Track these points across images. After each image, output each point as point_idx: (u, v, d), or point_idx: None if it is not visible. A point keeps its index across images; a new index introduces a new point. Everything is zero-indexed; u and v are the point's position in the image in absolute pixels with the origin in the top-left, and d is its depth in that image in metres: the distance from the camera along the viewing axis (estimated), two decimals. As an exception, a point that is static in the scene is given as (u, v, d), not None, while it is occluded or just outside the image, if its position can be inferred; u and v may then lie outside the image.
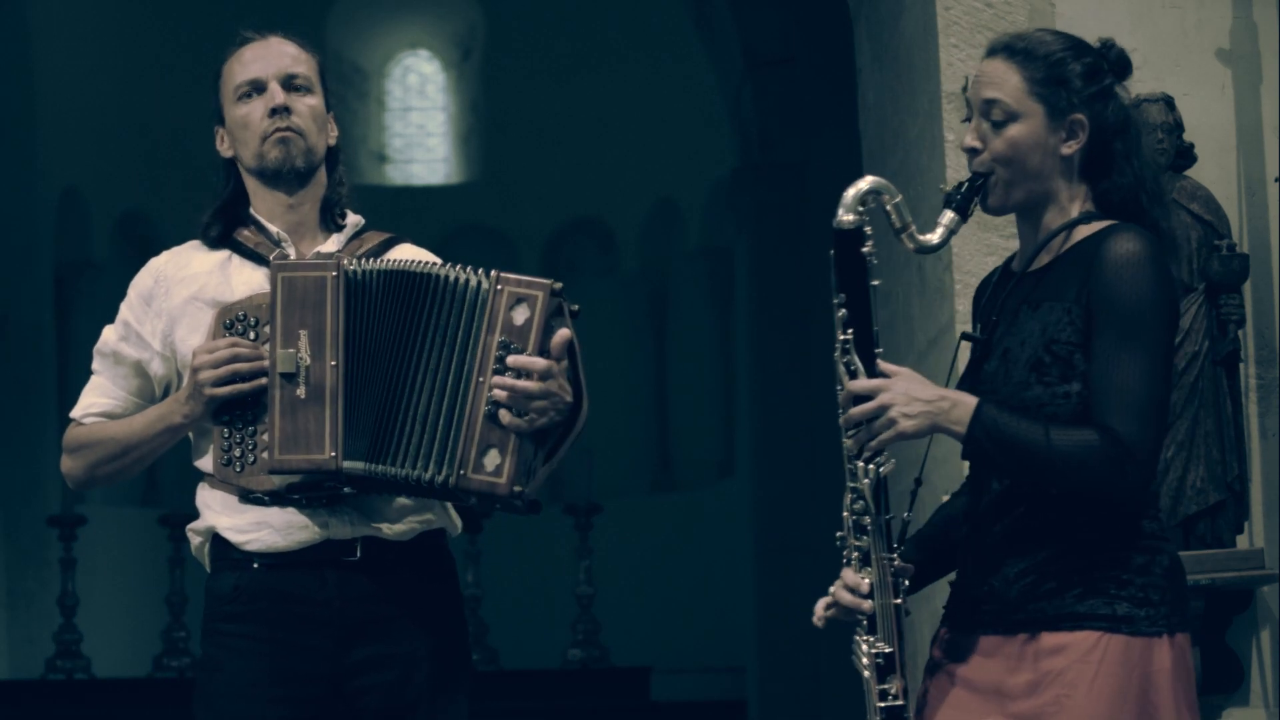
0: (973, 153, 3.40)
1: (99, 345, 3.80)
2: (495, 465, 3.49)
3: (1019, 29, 5.01)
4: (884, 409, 3.29)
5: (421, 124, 14.45)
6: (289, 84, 3.73)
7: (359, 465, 3.54)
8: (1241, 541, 4.93)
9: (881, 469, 3.32)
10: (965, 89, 3.50)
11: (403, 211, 12.96)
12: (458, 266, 3.60)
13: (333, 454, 3.53)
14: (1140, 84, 5.01)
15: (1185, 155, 4.98)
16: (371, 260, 3.63)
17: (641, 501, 13.10)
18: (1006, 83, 3.38)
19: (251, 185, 3.77)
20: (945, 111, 4.96)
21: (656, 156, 13.32)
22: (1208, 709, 4.92)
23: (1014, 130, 3.38)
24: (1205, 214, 4.95)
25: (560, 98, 13.54)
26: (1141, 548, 3.38)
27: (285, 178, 3.72)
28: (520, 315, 3.52)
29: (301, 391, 3.54)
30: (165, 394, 3.76)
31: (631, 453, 13.31)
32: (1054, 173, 3.41)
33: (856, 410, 3.30)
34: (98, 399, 3.79)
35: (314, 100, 3.76)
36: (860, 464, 3.32)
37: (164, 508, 10.94)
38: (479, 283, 3.55)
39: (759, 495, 10.72)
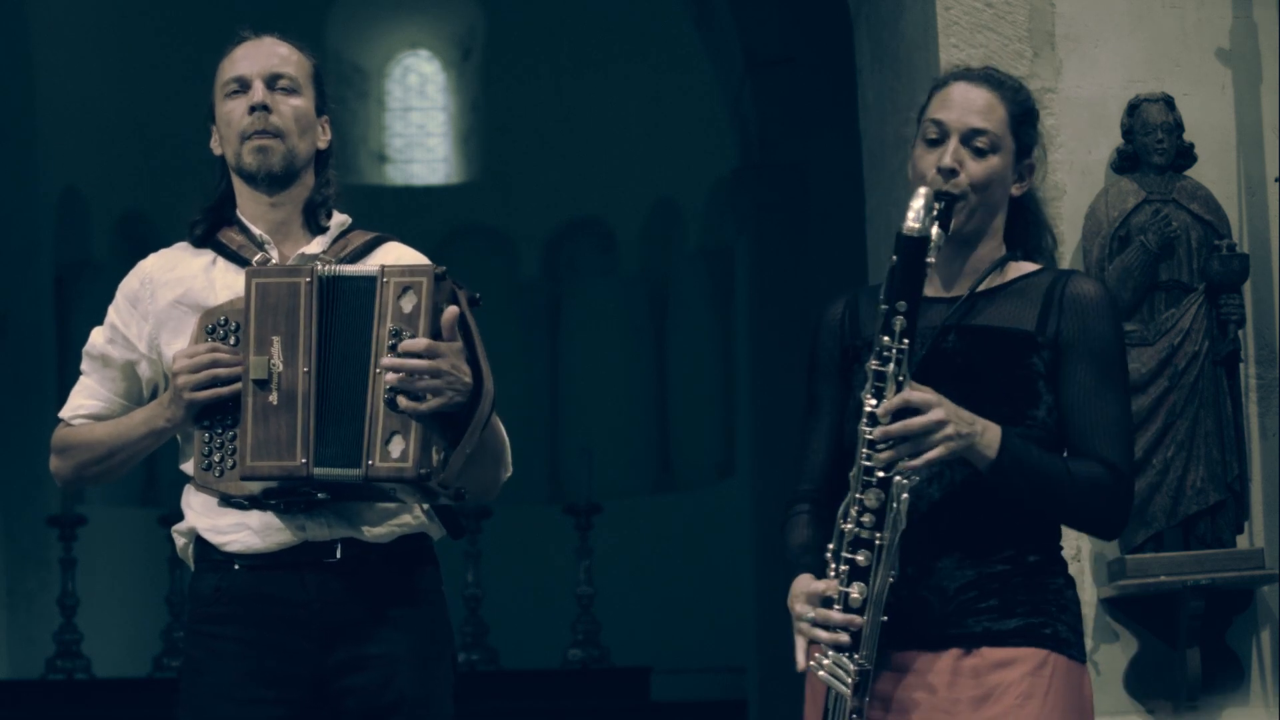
0: (950, 174, 3.40)
1: (87, 347, 3.81)
2: (400, 451, 3.50)
3: (1019, 29, 5.02)
4: (941, 424, 3.25)
5: (421, 124, 14.45)
6: (273, 84, 3.72)
7: (329, 471, 3.55)
8: (1241, 541, 4.93)
9: (911, 481, 3.27)
10: (926, 110, 3.49)
11: (403, 211, 12.96)
12: (365, 266, 3.63)
13: (304, 460, 3.54)
14: (1140, 84, 5.02)
15: (1185, 155, 4.99)
16: (342, 267, 3.63)
17: (641, 501, 13.10)
18: (994, 113, 3.42)
19: (236, 184, 3.78)
20: (945, 111, 4.95)
21: (656, 156, 13.33)
22: (1208, 709, 4.92)
23: (993, 161, 3.42)
24: (1205, 214, 4.95)
25: (560, 98, 13.55)
26: (1065, 576, 3.45)
27: (262, 181, 3.73)
28: (408, 303, 3.53)
29: (273, 398, 3.55)
30: (153, 396, 3.77)
31: (631, 453, 13.31)
32: (1002, 208, 3.47)
33: (915, 422, 3.24)
34: (85, 400, 3.80)
35: (299, 102, 3.74)
36: (897, 478, 3.25)
37: (164, 508, 10.93)
38: (372, 278, 3.56)
39: (759, 495, 10.71)
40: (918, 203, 3.29)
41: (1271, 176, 5.01)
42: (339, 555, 3.63)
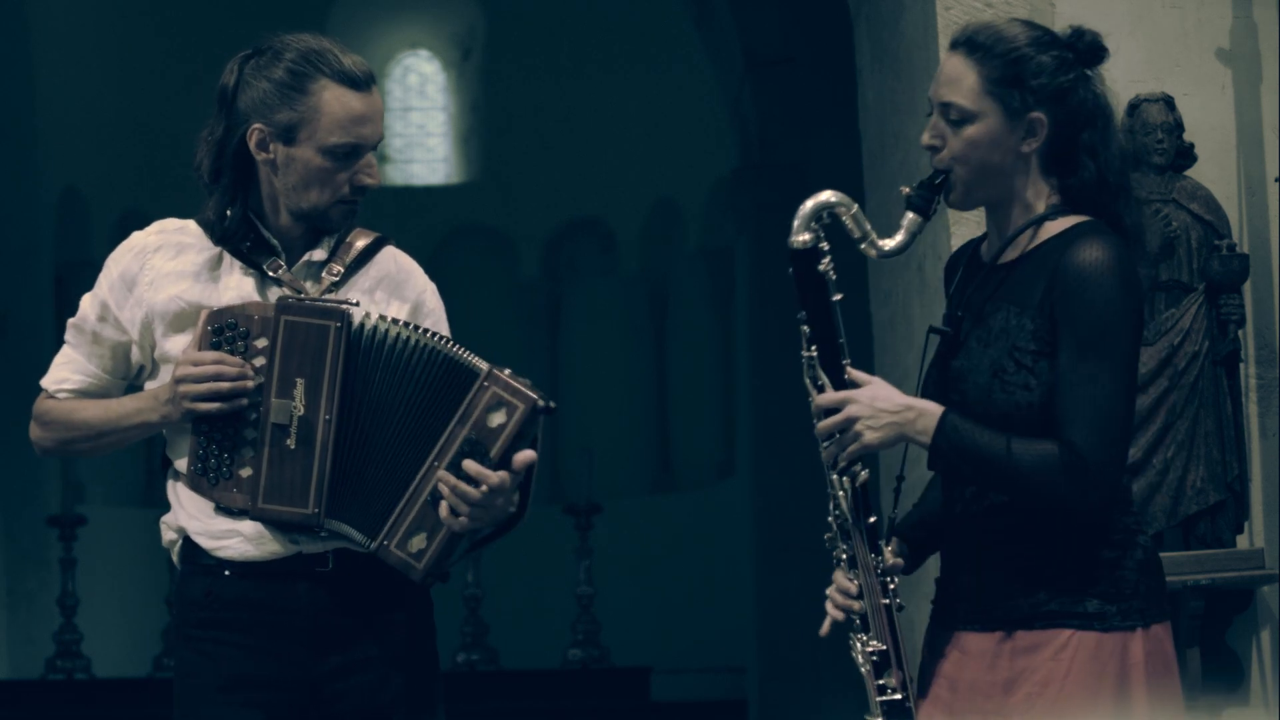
0: (932, 150, 3.41)
1: (77, 319, 3.70)
2: (418, 549, 3.51)
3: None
4: (850, 421, 3.33)
5: (421, 124, 14.46)
6: (375, 149, 3.61)
7: (342, 526, 3.54)
8: (1241, 541, 4.93)
9: (857, 480, 3.36)
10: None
11: (403, 211, 12.96)
12: (460, 348, 3.54)
13: (315, 510, 3.52)
14: (1140, 84, 5.02)
15: (1185, 155, 4.98)
16: (386, 320, 3.55)
17: (641, 501, 13.10)
18: (962, 83, 3.38)
19: (272, 192, 3.63)
20: (945, 111, 4.95)
21: (656, 156, 13.32)
22: (1208, 709, 4.92)
23: (971, 131, 3.38)
24: (1205, 214, 4.95)
25: (560, 98, 13.54)
26: (1112, 543, 3.38)
27: (329, 231, 3.64)
28: (496, 419, 3.48)
29: (291, 442, 3.51)
30: (138, 374, 3.71)
31: (631, 453, 13.31)
32: (1015, 170, 3.41)
33: (824, 424, 3.35)
34: (71, 375, 3.71)
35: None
36: (835, 475, 3.36)
37: (164, 508, 10.93)
38: (472, 370, 3.50)
39: (759, 495, 10.72)
40: (800, 215, 3.35)
41: (1271, 176, 5.01)
42: (331, 566, 3.62)
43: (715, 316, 13.29)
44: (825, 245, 3.35)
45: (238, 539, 3.62)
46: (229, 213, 3.61)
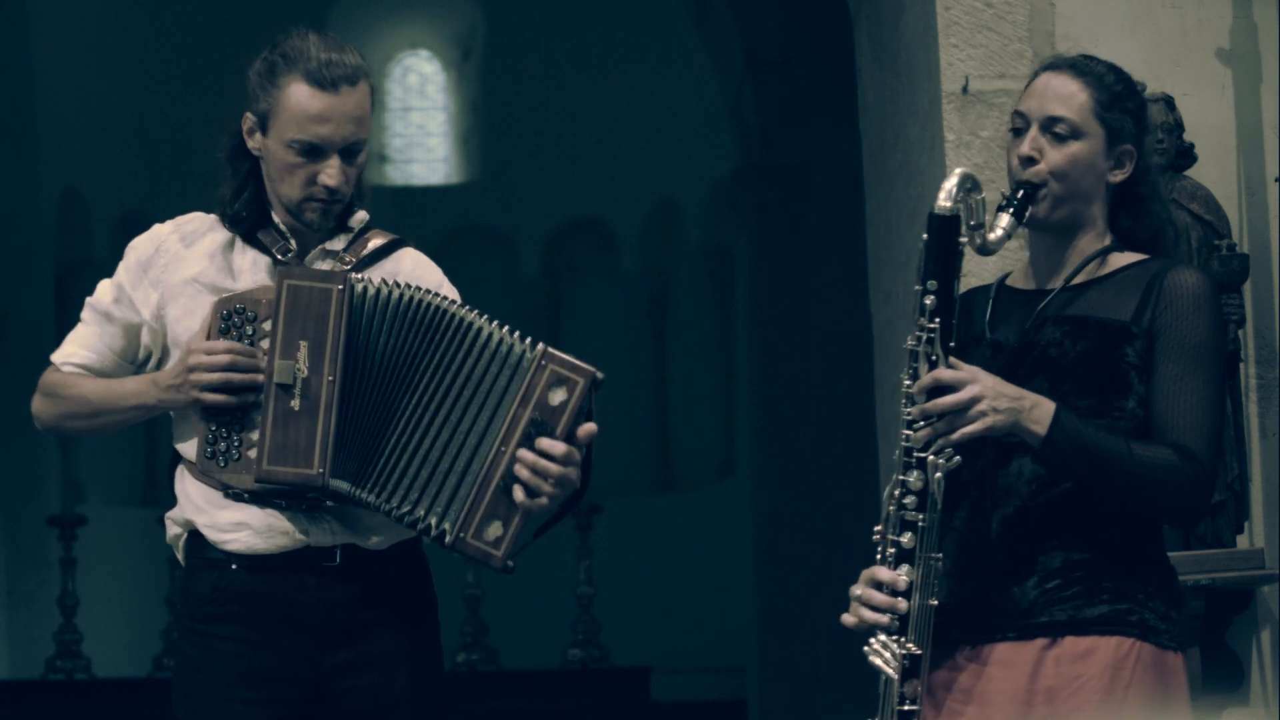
0: (1029, 162, 3.42)
1: (93, 299, 3.76)
2: (496, 537, 3.52)
3: (1019, 29, 5.02)
4: (975, 400, 3.26)
5: (421, 124, 14.45)
6: (349, 154, 3.62)
7: (345, 485, 3.54)
8: (1241, 541, 4.93)
9: (949, 465, 3.28)
10: (1022, 96, 3.50)
11: (403, 211, 12.96)
12: (501, 326, 3.57)
13: (320, 470, 3.53)
14: (1140, 84, 5.01)
15: (1185, 155, 4.98)
16: (395, 284, 3.58)
17: (641, 501, 13.09)
18: (1074, 100, 3.43)
19: (273, 190, 3.69)
20: (945, 111, 4.95)
21: (656, 156, 13.32)
22: (1208, 709, 4.91)
23: (1075, 147, 3.43)
24: (1205, 214, 4.95)
25: (560, 98, 13.54)
26: (1158, 560, 3.41)
27: (314, 230, 3.68)
28: (557, 396, 3.51)
29: (295, 403, 3.53)
30: (147, 359, 3.74)
31: (631, 453, 13.30)
32: (1097, 197, 3.47)
33: (946, 400, 3.26)
34: (80, 350, 3.76)
35: (363, 156, 3.66)
36: (930, 457, 3.27)
37: (164, 508, 10.88)
38: (523, 351, 3.53)
39: (759, 495, 10.71)
40: (949, 182, 3.31)
41: (1271, 176, 5.01)
42: (338, 560, 3.62)
43: (715, 316, 13.29)
44: (964, 217, 3.32)
45: (246, 532, 3.63)
46: (240, 197, 3.68)
